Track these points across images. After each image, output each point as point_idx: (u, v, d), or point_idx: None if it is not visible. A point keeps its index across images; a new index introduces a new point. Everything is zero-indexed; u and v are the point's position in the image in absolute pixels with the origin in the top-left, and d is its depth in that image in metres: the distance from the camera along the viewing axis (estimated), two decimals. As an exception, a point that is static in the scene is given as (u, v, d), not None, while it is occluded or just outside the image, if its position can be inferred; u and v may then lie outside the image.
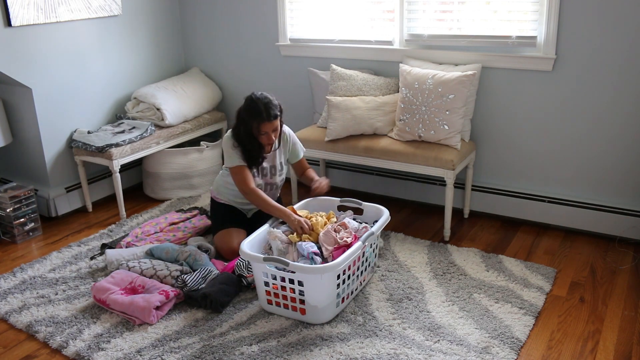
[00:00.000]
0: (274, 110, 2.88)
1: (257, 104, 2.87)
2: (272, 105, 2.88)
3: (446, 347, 2.36)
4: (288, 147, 3.16)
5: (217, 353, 2.36)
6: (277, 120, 2.92)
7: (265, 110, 2.85)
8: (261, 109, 2.85)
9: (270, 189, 3.16)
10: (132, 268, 2.84)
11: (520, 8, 3.19)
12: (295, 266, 2.41)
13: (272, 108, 2.88)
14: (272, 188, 3.16)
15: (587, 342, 2.41)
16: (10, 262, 3.22)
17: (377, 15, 3.65)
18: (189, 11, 4.38)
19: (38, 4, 3.43)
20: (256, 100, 2.88)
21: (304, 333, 2.47)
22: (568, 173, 3.32)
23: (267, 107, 2.86)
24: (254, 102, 2.89)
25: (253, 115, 2.88)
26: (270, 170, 3.12)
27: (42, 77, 3.55)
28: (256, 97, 2.89)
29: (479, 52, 3.31)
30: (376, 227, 2.75)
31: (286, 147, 3.16)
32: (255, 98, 2.89)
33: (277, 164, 3.13)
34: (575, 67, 3.12)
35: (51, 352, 2.44)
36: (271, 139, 2.94)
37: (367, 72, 3.62)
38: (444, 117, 3.15)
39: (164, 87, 4.08)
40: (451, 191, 3.18)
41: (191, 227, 3.36)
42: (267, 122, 2.87)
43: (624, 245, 3.18)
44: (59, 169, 3.74)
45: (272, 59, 4.11)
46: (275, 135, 2.95)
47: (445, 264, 3.00)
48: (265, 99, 2.88)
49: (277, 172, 3.15)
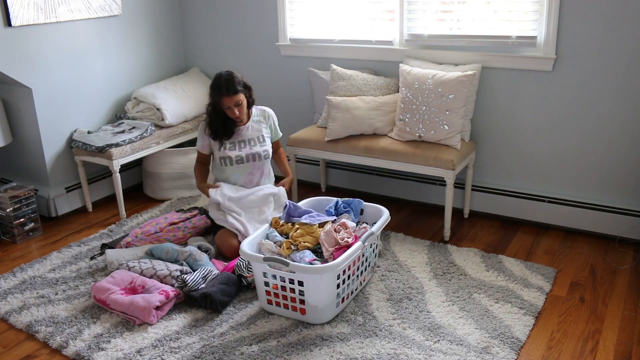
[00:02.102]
0: (234, 85, 3.03)
1: (219, 80, 3.06)
2: (233, 81, 3.04)
3: (446, 347, 2.36)
4: (270, 123, 3.31)
5: (217, 353, 2.36)
6: (237, 95, 3.05)
7: (226, 85, 3.03)
8: (222, 84, 3.03)
9: (254, 159, 3.22)
10: (132, 268, 2.84)
11: (520, 8, 3.19)
12: (295, 266, 2.41)
13: (233, 83, 3.03)
14: (255, 158, 3.23)
15: (587, 342, 2.41)
16: (10, 262, 3.22)
17: (377, 15, 3.65)
18: (189, 11, 4.38)
19: (38, 4, 3.43)
20: (218, 76, 3.08)
21: (304, 333, 2.47)
22: (568, 173, 3.32)
23: (227, 82, 3.03)
24: (216, 79, 3.08)
25: (215, 91, 3.08)
26: (249, 142, 3.22)
27: (42, 77, 3.56)
28: (219, 74, 3.09)
29: (479, 52, 3.31)
30: (376, 227, 2.75)
31: (268, 122, 3.30)
32: (218, 75, 3.09)
33: (259, 136, 3.25)
34: (575, 67, 3.12)
35: (51, 352, 2.44)
36: (234, 113, 3.08)
37: (367, 72, 3.62)
38: (444, 117, 3.15)
39: (164, 87, 4.09)
40: (451, 191, 3.18)
41: (191, 227, 3.36)
42: (227, 97, 3.04)
43: (624, 245, 3.18)
44: (59, 169, 3.74)
45: (272, 59, 4.11)
46: (239, 111, 3.09)
47: (445, 264, 3.00)
48: (227, 75, 3.06)
49: (259, 143, 3.23)
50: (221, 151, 3.20)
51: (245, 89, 3.13)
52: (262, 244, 2.70)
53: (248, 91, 3.15)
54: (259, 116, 3.29)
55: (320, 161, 4.02)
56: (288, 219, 2.87)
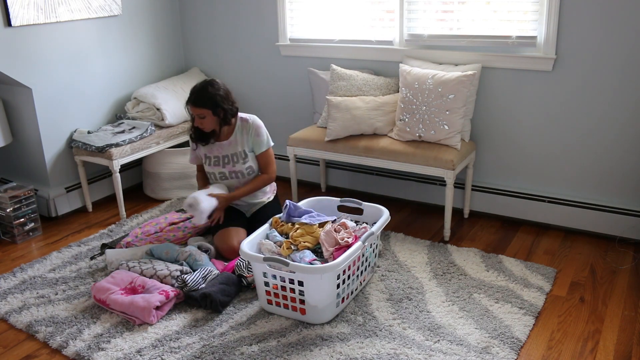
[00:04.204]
0: (201, 98, 2.96)
1: (194, 87, 3.01)
2: (203, 94, 2.96)
3: (446, 347, 2.36)
4: (250, 137, 3.16)
5: (217, 353, 2.36)
6: (200, 109, 2.97)
7: (193, 94, 2.98)
8: (192, 91, 2.99)
9: (236, 176, 3.17)
10: (132, 268, 2.84)
11: (520, 8, 3.19)
12: (295, 266, 2.41)
13: (201, 96, 2.96)
14: (237, 176, 3.17)
15: (587, 342, 2.41)
16: (10, 262, 3.22)
17: (377, 15, 3.65)
18: (189, 11, 4.38)
19: (38, 4, 3.43)
20: (195, 85, 3.02)
21: (304, 333, 2.47)
22: (568, 173, 3.32)
23: (196, 92, 2.97)
24: (193, 86, 3.03)
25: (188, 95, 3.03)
26: (232, 158, 3.15)
27: (42, 77, 3.56)
28: (198, 83, 3.03)
29: (479, 52, 3.31)
30: (376, 227, 2.75)
31: (248, 136, 3.15)
32: (197, 83, 3.03)
33: (239, 151, 3.15)
34: (575, 67, 3.12)
35: (51, 352, 2.44)
36: (199, 123, 3.02)
37: (367, 72, 3.61)
38: (444, 117, 3.15)
39: (164, 87, 4.09)
40: (451, 191, 3.18)
41: (191, 227, 3.36)
42: (192, 106, 2.99)
43: (624, 245, 3.18)
44: (59, 169, 3.74)
45: (272, 59, 4.11)
46: (202, 123, 3.01)
47: (445, 264, 3.00)
48: (201, 85, 3.00)
49: (240, 160, 3.15)
50: (206, 166, 3.21)
51: (216, 107, 2.96)
52: (262, 244, 2.70)
53: (221, 110, 2.98)
54: (240, 129, 3.14)
55: (320, 161, 4.02)
56: (288, 219, 2.88)
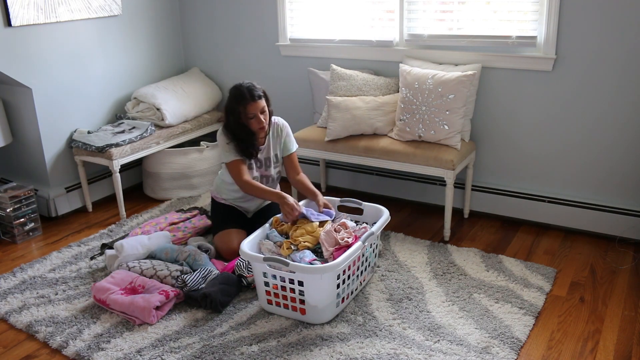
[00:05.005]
0: (257, 91, 2.94)
1: (239, 89, 2.94)
2: (255, 88, 2.95)
3: (446, 347, 2.36)
4: (282, 139, 3.15)
5: (217, 353, 2.36)
6: (261, 101, 2.95)
7: (249, 92, 2.92)
8: (244, 91, 2.92)
9: (266, 181, 3.16)
10: (132, 268, 2.84)
11: (520, 8, 3.19)
12: (295, 266, 2.41)
13: (255, 90, 2.94)
14: (267, 181, 3.16)
15: (587, 342, 2.41)
16: (10, 262, 3.22)
17: (377, 15, 3.65)
18: (189, 11, 4.38)
19: (38, 4, 3.43)
20: (238, 86, 2.96)
21: (304, 333, 2.47)
22: (568, 173, 3.32)
23: (249, 89, 2.93)
24: (236, 89, 2.96)
25: (237, 100, 2.93)
26: (265, 162, 3.12)
27: (42, 77, 3.56)
28: (238, 84, 2.98)
29: (479, 52, 3.31)
30: (376, 227, 2.75)
31: (280, 138, 3.14)
32: (238, 85, 2.98)
33: (272, 155, 3.13)
34: (575, 67, 3.12)
35: (51, 352, 2.44)
36: (261, 121, 2.94)
37: (367, 72, 3.62)
38: (444, 117, 3.15)
39: (164, 87, 4.09)
40: (451, 191, 3.18)
41: (191, 227, 3.36)
42: (252, 103, 2.91)
43: (624, 245, 3.18)
44: (59, 169, 3.74)
45: (272, 59, 4.11)
46: (264, 118, 2.97)
47: (445, 264, 3.00)
48: (247, 84, 2.96)
49: (272, 164, 3.14)
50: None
51: (268, 99, 3.01)
52: (262, 244, 2.70)
53: (268, 101, 3.01)
54: (273, 133, 3.11)
55: (320, 161, 4.02)
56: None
